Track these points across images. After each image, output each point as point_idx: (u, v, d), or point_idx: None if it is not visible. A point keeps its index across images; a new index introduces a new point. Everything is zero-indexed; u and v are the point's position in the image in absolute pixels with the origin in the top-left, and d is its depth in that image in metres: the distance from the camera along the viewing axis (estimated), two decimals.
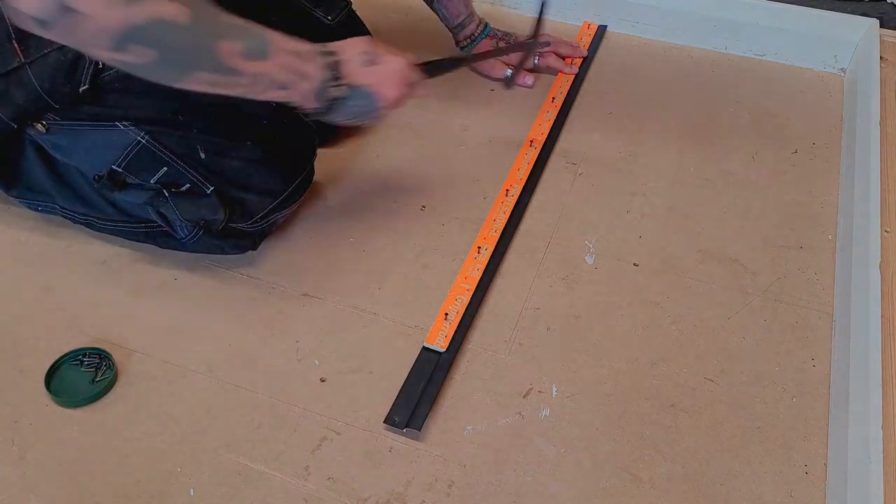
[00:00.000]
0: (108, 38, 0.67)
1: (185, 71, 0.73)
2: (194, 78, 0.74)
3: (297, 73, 0.80)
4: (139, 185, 0.92)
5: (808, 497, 0.76)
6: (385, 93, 0.87)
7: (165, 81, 0.75)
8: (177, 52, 0.71)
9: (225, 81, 0.76)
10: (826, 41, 1.30)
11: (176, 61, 0.72)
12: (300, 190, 0.99)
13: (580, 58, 1.32)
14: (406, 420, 0.81)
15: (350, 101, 0.85)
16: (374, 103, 0.87)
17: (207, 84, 0.75)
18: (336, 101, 0.84)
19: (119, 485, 0.77)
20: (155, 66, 0.71)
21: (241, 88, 0.77)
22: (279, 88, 0.80)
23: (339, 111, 0.86)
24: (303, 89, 0.81)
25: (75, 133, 0.90)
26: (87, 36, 0.66)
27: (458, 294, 0.93)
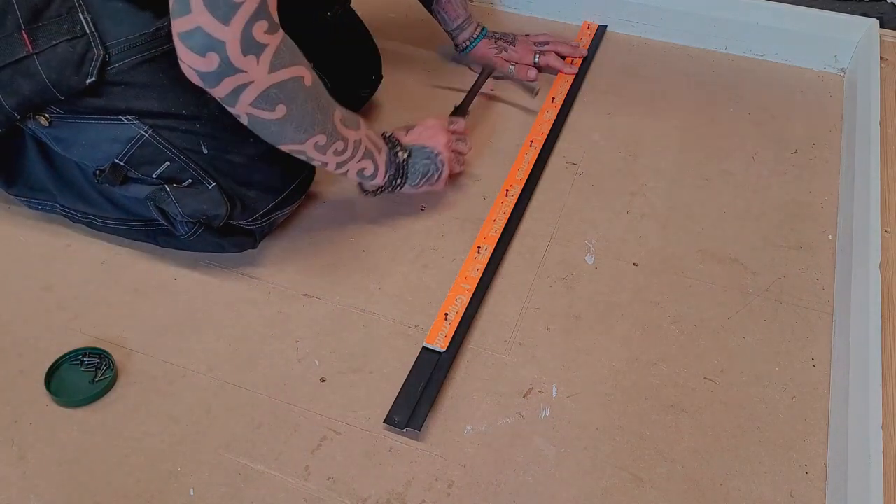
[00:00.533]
0: (260, 93, 0.78)
1: (308, 130, 0.84)
2: (313, 140, 0.85)
3: (375, 144, 0.93)
4: (141, 180, 0.92)
5: (808, 497, 0.76)
6: (434, 142, 1.00)
7: (289, 140, 0.84)
8: (305, 111, 0.82)
9: (333, 146, 0.87)
10: (826, 41, 1.30)
11: (304, 121, 0.83)
12: (302, 188, 0.99)
13: (580, 58, 1.32)
14: (406, 420, 0.81)
15: (413, 160, 0.98)
16: (433, 155, 1.00)
17: (317, 147, 0.86)
18: (404, 164, 0.97)
19: (119, 485, 0.77)
20: (284, 122, 0.81)
21: (342, 156, 0.89)
22: (366, 157, 0.92)
23: (410, 172, 0.98)
24: (381, 159, 0.94)
25: (78, 126, 0.91)
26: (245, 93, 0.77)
27: (458, 294, 0.93)
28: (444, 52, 1.34)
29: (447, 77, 1.29)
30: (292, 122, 0.82)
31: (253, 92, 0.77)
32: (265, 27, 0.74)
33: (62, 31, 0.85)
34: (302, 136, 0.84)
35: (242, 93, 0.77)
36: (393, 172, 0.96)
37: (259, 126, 0.83)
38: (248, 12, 0.72)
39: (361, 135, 0.90)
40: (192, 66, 0.75)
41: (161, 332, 0.91)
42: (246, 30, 0.73)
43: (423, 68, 1.32)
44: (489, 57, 1.27)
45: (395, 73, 1.28)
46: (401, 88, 1.27)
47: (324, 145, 0.86)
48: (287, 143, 0.85)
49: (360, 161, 0.91)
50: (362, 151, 0.91)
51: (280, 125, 0.82)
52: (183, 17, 0.72)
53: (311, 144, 0.85)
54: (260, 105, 0.79)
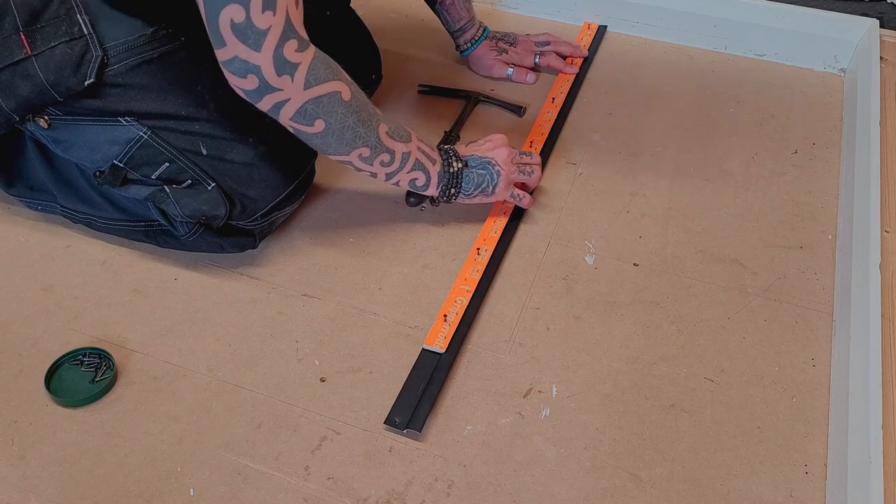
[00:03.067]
0: (297, 109, 0.82)
1: (350, 144, 0.86)
2: (356, 152, 0.88)
3: (429, 157, 0.95)
4: (141, 181, 0.92)
5: (808, 497, 0.76)
6: (494, 154, 1.00)
7: (332, 152, 0.88)
8: (345, 125, 0.85)
9: (378, 157, 0.89)
10: (826, 41, 1.30)
11: (344, 134, 0.85)
12: (301, 189, 0.99)
13: (580, 58, 1.32)
14: (407, 421, 0.81)
15: (469, 170, 0.98)
16: (490, 166, 0.99)
17: (362, 159, 0.89)
18: (458, 174, 0.97)
19: (119, 485, 0.77)
20: (325, 135, 0.85)
21: (389, 167, 0.91)
22: (417, 169, 0.94)
23: (465, 182, 0.98)
24: (434, 170, 0.95)
25: (77, 128, 0.91)
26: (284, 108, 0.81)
27: (458, 295, 0.93)
28: (444, 51, 1.34)
29: (447, 77, 1.29)
30: (332, 135, 0.85)
31: (291, 108, 0.82)
32: (295, 46, 0.78)
33: (60, 33, 0.85)
34: (345, 148, 0.87)
35: (282, 108, 0.82)
36: (446, 183, 0.97)
37: (304, 138, 0.86)
38: (277, 36, 0.76)
39: (411, 147, 0.92)
40: (237, 86, 0.81)
41: (161, 332, 0.91)
42: (277, 52, 0.77)
43: (423, 68, 1.32)
44: (488, 59, 1.27)
45: (395, 73, 1.28)
46: (401, 88, 1.27)
47: (368, 157, 0.89)
48: (332, 154, 0.88)
49: (410, 172, 0.93)
50: (412, 163, 0.93)
51: (321, 138, 0.85)
52: (220, 49, 0.77)
53: (356, 156, 0.88)
54: (298, 120, 0.83)
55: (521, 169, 1.02)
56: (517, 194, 1.03)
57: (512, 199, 1.03)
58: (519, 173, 1.02)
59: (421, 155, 0.94)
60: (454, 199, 0.99)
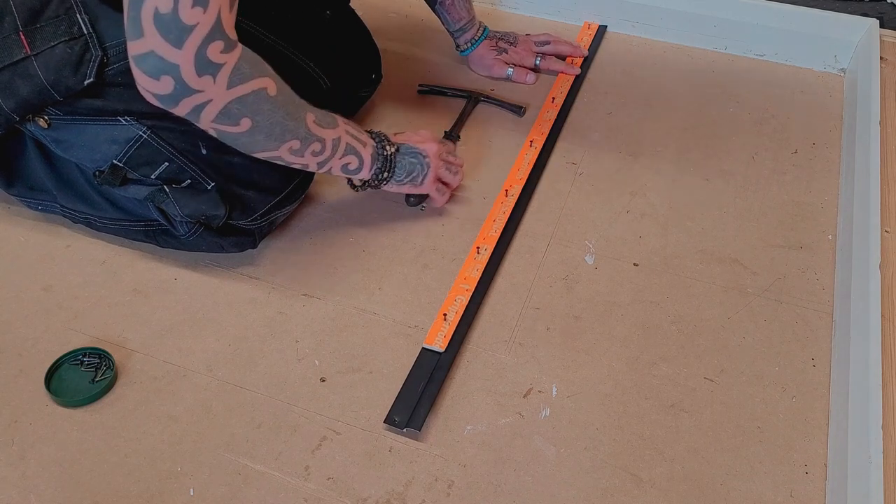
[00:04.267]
0: (220, 110, 0.77)
1: (279, 138, 0.83)
2: (287, 144, 0.84)
3: (358, 140, 0.92)
4: (140, 181, 0.92)
5: (808, 497, 0.76)
6: (425, 146, 1.00)
7: (260, 149, 0.84)
8: (274, 121, 0.81)
9: (309, 147, 0.86)
10: (826, 41, 1.30)
11: (272, 130, 0.82)
12: (301, 188, 0.99)
13: (580, 57, 1.32)
14: (406, 420, 0.81)
15: (401, 158, 0.97)
16: (421, 156, 0.99)
17: (293, 152, 0.86)
18: (392, 158, 0.96)
19: (119, 485, 0.77)
20: (252, 133, 0.81)
21: (320, 156, 0.88)
22: (349, 153, 0.91)
23: (397, 168, 0.97)
24: (365, 153, 0.93)
25: (77, 128, 0.91)
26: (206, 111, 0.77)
27: (458, 294, 0.93)
28: (444, 51, 1.34)
29: (447, 77, 1.29)
30: (261, 132, 0.81)
31: (213, 109, 0.77)
32: (221, 47, 0.73)
33: (60, 33, 0.85)
34: (274, 143, 0.83)
35: (202, 111, 0.77)
36: (379, 166, 0.95)
37: (229, 139, 0.82)
38: (202, 34, 0.71)
39: (340, 132, 0.90)
40: (147, 89, 0.75)
41: (161, 332, 0.91)
42: (200, 52, 0.72)
43: (424, 68, 1.32)
44: (488, 59, 1.27)
45: (395, 73, 1.28)
46: (401, 88, 1.27)
47: (299, 149, 0.86)
48: (260, 151, 0.84)
49: (342, 157, 0.91)
50: (343, 148, 0.90)
51: (249, 136, 0.81)
52: (136, 40, 0.71)
53: (286, 150, 0.85)
54: (222, 121, 0.78)
55: (447, 167, 1.03)
56: (441, 188, 1.03)
57: (435, 194, 1.03)
58: (445, 170, 1.02)
59: (351, 139, 0.91)
60: (384, 185, 0.98)
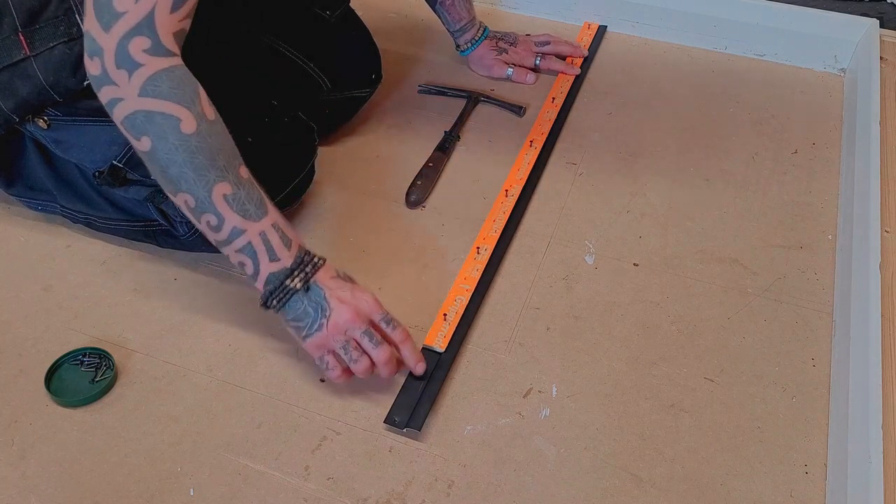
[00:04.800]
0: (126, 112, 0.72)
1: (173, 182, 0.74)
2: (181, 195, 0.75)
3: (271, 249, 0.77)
4: (140, 181, 0.92)
5: (808, 497, 0.76)
6: (338, 309, 0.79)
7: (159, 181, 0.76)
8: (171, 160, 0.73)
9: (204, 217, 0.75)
10: (826, 41, 1.30)
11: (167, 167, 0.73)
12: (300, 189, 0.99)
13: (580, 57, 1.32)
14: (406, 420, 0.81)
15: (301, 299, 0.79)
16: (322, 313, 0.79)
17: (188, 208, 0.76)
18: (291, 294, 0.79)
19: (119, 485, 0.77)
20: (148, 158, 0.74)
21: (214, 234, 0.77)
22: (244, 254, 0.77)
23: (288, 307, 0.79)
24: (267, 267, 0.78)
25: (77, 128, 0.91)
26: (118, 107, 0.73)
27: (458, 294, 0.93)
28: (444, 51, 1.34)
29: (447, 77, 1.29)
30: (156, 162, 0.74)
31: (123, 110, 0.73)
32: (145, 46, 0.71)
33: (59, 33, 0.85)
34: (168, 185, 0.75)
35: (115, 106, 0.73)
36: (272, 290, 0.78)
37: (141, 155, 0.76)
38: (129, 25, 0.70)
39: (250, 228, 0.76)
40: (87, 69, 0.73)
41: (161, 332, 0.91)
42: (122, 42, 0.70)
43: (424, 68, 1.32)
44: (488, 59, 1.27)
45: (395, 73, 1.28)
46: (401, 88, 1.27)
47: (193, 208, 0.75)
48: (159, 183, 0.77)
49: (238, 253, 0.77)
50: (242, 244, 0.77)
51: (146, 158, 0.75)
52: (82, 18, 0.72)
53: (181, 201, 0.76)
54: (127, 127, 0.74)
55: (345, 347, 0.80)
56: (329, 362, 0.81)
57: (317, 362, 0.82)
58: (341, 349, 0.80)
59: (260, 243, 0.77)
60: (271, 311, 0.81)
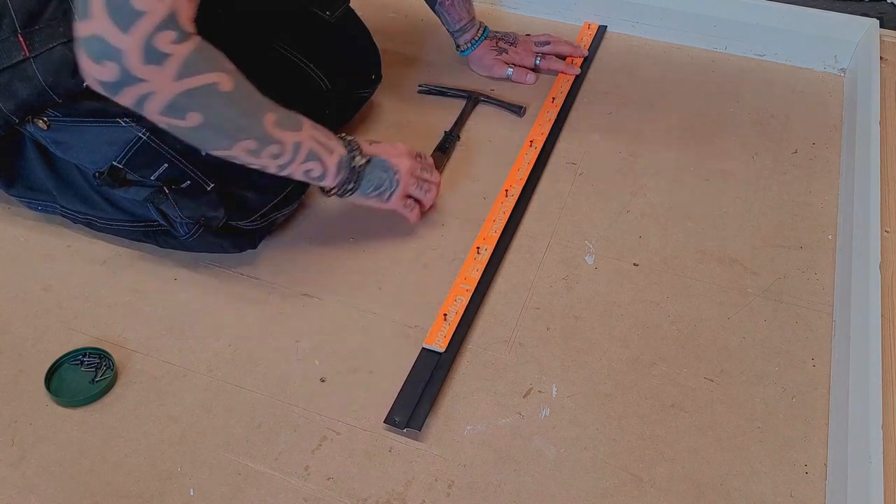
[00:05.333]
0: (166, 103, 0.74)
1: (231, 137, 0.80)
2: (241, 143, 0.80)
3: (325, 146, 0.88)
4: (140, 182, 0.92)
5: (808, 497, 0.76)
6: (398, 161, 0.96)
7: (212, 147, 0.81)
8: (224, 118, 0.78)
9: (266, 150, 0.82)
10: (826, 41, 1.30)
11: (223, 127, 0.79)
12: (301, 189, 0.99)
13: (580, 57, 1.32)
14: (406, 420, 0.81)
15: (370, 171, 0.93)
16: (391, 171, 0.95)
17: (249, 152, 0.82)
18: (360, 170, 0.92)
19: (119, 485, 0.77)
20: (202, 129, 0.78)
21: (280, 159, 0.84)
22: (312, 159, 0.87)
23: (364, 181, 0.93)
24: (330, 161, 0.89)
25: (76, 129, 0.91)
26: (149, 102, 0.74)
27: (458, 294, 0.93)
28: (444, 51, 1.34)
29: (447, 77, 1.29)
30: (210, 129, 0.78)
31: (158, 101, 0.74)
32: (172, 37, 0.71)
33: (58, 35, 0.85)
34: (226, 142, 0.80)
35: (146, 102, 0.74)
36: (345, 177, 0.91)
37: (178, 133, 0.79)
38: (153, 23, 0.69)
39: (303, 136, 0.85)
40: (90, 74, 0.72)
41: (161, 332, 0.91)
42: (148, 40, 0.69)
43: (424, 68, 1.32)
44: (488, 59, 1.27)
45: (395, 73, 1.28)
46: (401, 88, 1.27)
47: (255, 150, 0.81)
48: (213, 149, 0.82)
49: (303, 163, 0.86)
50: (305, 153, 0.86)
51: (198, 132, 0.78)
52: (83, 21, 0.69)
53: (241, 150, 0.81)
54: (169, 114, 0.75)
55: (419, 184, 0.99)
56: (409, 204, 0.99)
57: (402, 210, 0.98)
58: (416, 188, 0.98)
59: (315, 144, 0.87)
60: (348, 196, 0.94)
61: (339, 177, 0.90)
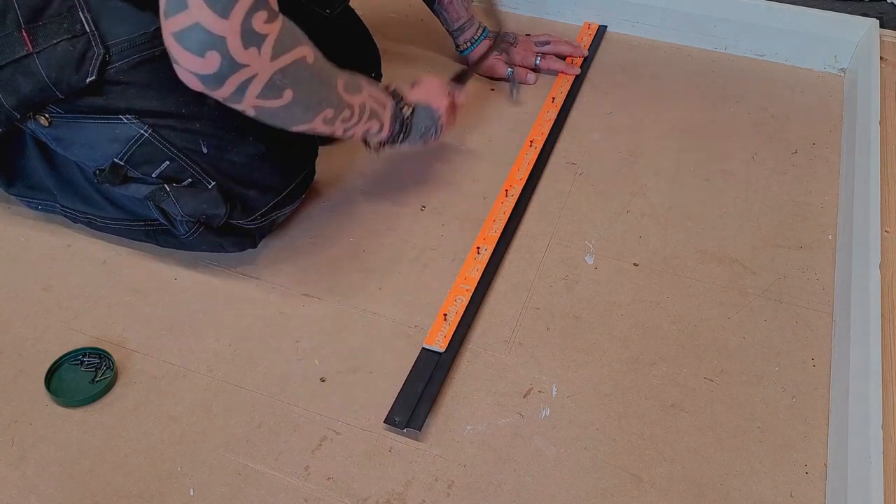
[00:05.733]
0: (265, 83, 0.76)
1: (315, 109, 0.83)
2: (321, 116, 0.84)
3: (379, 101, 0.92)
4: (141, 179, 0.92)
5: (808, 497, 0.76)
6: (438, 104, 1.01)
7: (296, 123, 0.84)
8: (311, 91, 0.81)
9: (340, 115, 0.86)
10: (826, 41, 1.30)
11: (310, 100, 0.82)
12: (301, 188, 0.99)
13: (581, 57, 1.32)
14: (406, 420, 0.81)
15: (416, 119, 0.98)
16: (434, 115, 1.00)
17: (325, 121, 0.85)
18: (407, 121, 0.97)
19: (119, 485, 0.77)
20: (292, 105, 0.80)
21: (348, 122, 0.88)
22: (372, 117, 0.91)
23: (412, 130, 0.99)
24: (386, 115, 0.94)
25: (78, 126, 0.91)
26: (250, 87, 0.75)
27: (458, 295, 0.93)
28: (444, 51, 1.34)
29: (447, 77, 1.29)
30: (299, 104, 0.81)
31: (258, 84, 0.76)
32: (265, 17, 0.72)
33: (62, 30, 0.85)
34: (310, 115, 0.83)
35: (248, 87, 0.75)
36: (397, 129, 0.97)
37: (267, 115, 0.81)
38: (248, 4, 0.70)
39: (365, 97, 0.89)
40: (190, 70, 0.72)
41: (161, 332, 0.91)
42: (246, 22, 0.70)
43: (423, 68, 1.32)
44: (488, 59, 1.27)
45: (395, 72, 1.28)
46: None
47: (332, 118, 0.86)
48: (296, 125, 0.84)
49: (366, 122, 0.91)
50: (368, 113, 0.90)
51: (287, 109, 0.81)
52: (178, 14, 0.69)
53: (320, 120, 0.85)
54: (266, 95, 0.77)
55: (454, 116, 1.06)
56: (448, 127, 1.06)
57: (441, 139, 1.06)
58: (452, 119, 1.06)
59: (374, 103, 0.91)
60: (397, 145, 0.99)
61: (394, 129, 0.96)
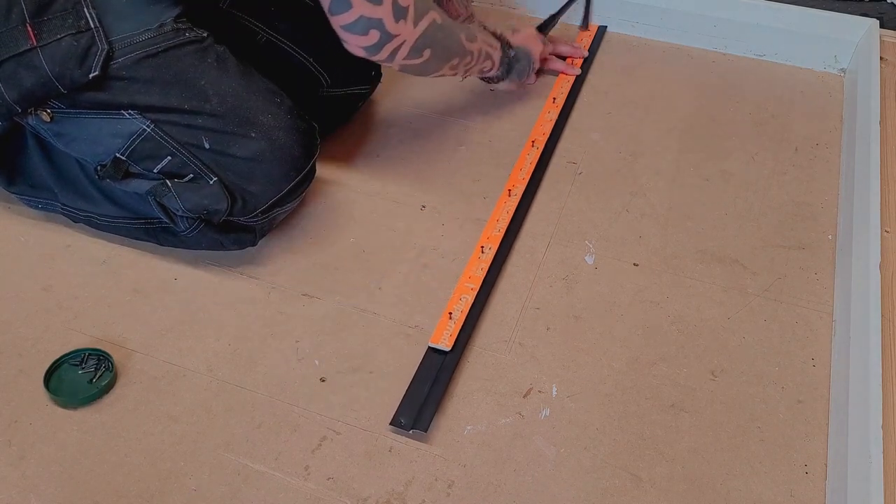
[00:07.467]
0: (410, 47, 0.94)
1: (446, 59, 1.01)
2: (449, 65, 1.03)
3: (491, 45, 1.10)
4: (142, 175, 0.92)
5: (808, 497, 0.76)
6: (533, 49, 1.22)
7: (431, 73, 1.02)
8: (444, 46, 0.99)
9: (463, 61, 1.05)
10: (826, 41, 1.30)
11: (443, 54, 1.00)
12: (302, 186, 0.99)
13: (581, 58, 1.32)
14: (412, 421, 0.81)
15: (517, 60, 1.18)
16: (530, 59, 1.21)
17: (451, 67, 1.04)
18: (512, 62, 1.16)
19: (119, 485, 0.77)
20: (429, 62, 0.98)
21: (469, 65, 1.06)
22: (487, 59, 1.10)
23: (514, 70, 1.18)
24: (497, 56, 1.12)
25: (80, 121, 0.91)
26: (399, 51, 0.94)
27: (463, 293, 0.93)
28: None
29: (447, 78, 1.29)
30: (435, 58, 0.98)
31: (406, 49, 0.94)
32: None
33: (67, 26, 0.85)
34: (442, 64, 1.01)
35: (398, 53, 0.94)
36: (506, 67, 1.15)
37: (410, 70, 0.99)
38: None
39: (481, 43, 1.06)
40: (358, 45, 0.92)
41: (161, 332, 0.91)
42: (394, 3, 0.89)
43: None
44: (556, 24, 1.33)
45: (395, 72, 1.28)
46: (400, 86, 1.27)
47: (457, 64, 1.04)
48: (432, 74, 1.02)
49: (482, 62, 1.09)
50: (483, 55, 1.08)
51: (427, 64, 0.98)
52: (345, 13, 0.88)
53: (448, 68, 1.03)
54: (411, 57, 0.95)
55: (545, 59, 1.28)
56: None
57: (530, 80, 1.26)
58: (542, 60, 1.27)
59: (487, 47, 1.09)
60: (502, 82, 1.19)
61: (502, 67, 1.14)
